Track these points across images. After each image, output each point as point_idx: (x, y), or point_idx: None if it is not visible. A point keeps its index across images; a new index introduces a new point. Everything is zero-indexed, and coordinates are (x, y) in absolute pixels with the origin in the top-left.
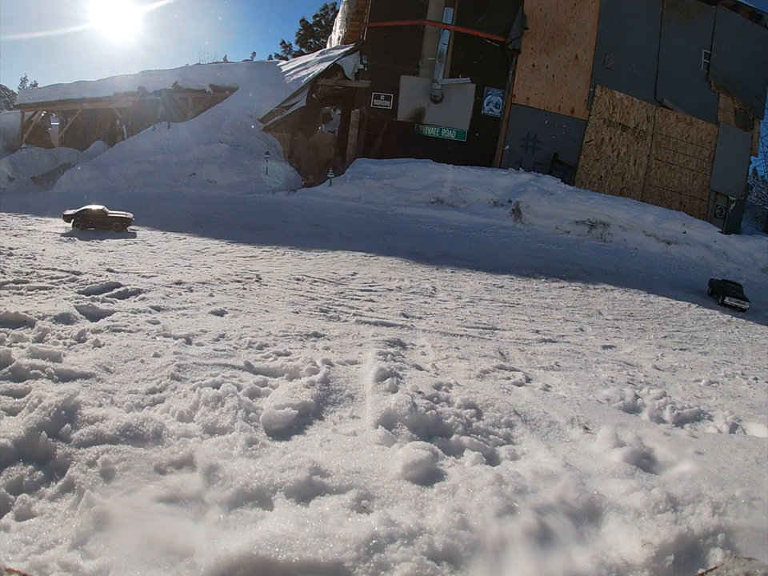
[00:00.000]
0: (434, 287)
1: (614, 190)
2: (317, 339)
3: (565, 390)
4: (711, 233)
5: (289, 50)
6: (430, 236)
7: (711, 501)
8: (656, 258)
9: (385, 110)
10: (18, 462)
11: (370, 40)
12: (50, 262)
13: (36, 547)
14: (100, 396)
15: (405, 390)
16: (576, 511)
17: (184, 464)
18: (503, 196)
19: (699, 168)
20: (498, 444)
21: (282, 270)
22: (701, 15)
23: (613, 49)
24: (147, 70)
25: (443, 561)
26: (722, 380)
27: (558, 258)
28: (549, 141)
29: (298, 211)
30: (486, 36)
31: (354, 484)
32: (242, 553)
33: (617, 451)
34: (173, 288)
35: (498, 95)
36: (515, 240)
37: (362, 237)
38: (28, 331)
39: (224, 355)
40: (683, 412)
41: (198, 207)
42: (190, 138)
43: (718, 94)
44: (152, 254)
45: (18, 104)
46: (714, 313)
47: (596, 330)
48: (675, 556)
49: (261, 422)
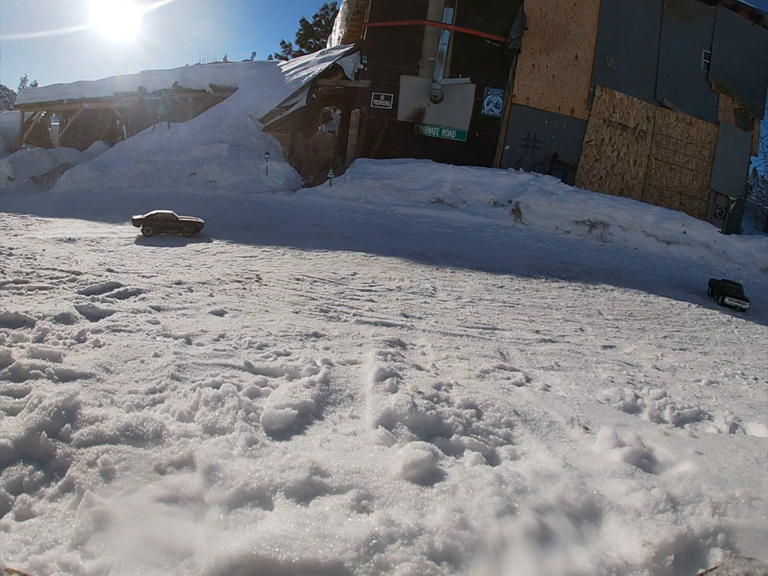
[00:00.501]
0: (434, 287)
1: (614, 190)
2: (317, 339)
3: (565, 390)
4: (711, 233)
5: (289, 50)
6: (430, 236)
7: (711, 501)
8: (656, 257)
9: (385, 109)
10: (18, 462)
11: (370, 40)
12: (50, 262)
13: (36, 547)
14: (100, 396)
15: (405, 390)
16: (576, 511)
17: (184, 464)
18: (503, 196)
19: (699, 168)
20: (498, 444)
21: (282, 270)
22: (701, 15)
23: (613, 49)
24: (147, 70)
25: (443, 561)
26: (721, 380)
27: (558, 258)
28: (549, 141)
29: (298, 211)
30: (486, 36)
31: (354, 484)
32: (242, 553)
33: (617, 451)
34: (173, 288)
35: (498, 95)
36: (515, 240)
37: (362, 237)
38: (28, 331)
39: (224, 355)
40: (683, 412)
41: (198, 207)
42: (189, 138)
43: (718, 94)
44: (152, 253)
45: (17, 104)
46: (713, 313)
47: (596, 330)
48: (675, 556)
49: (261, 422)
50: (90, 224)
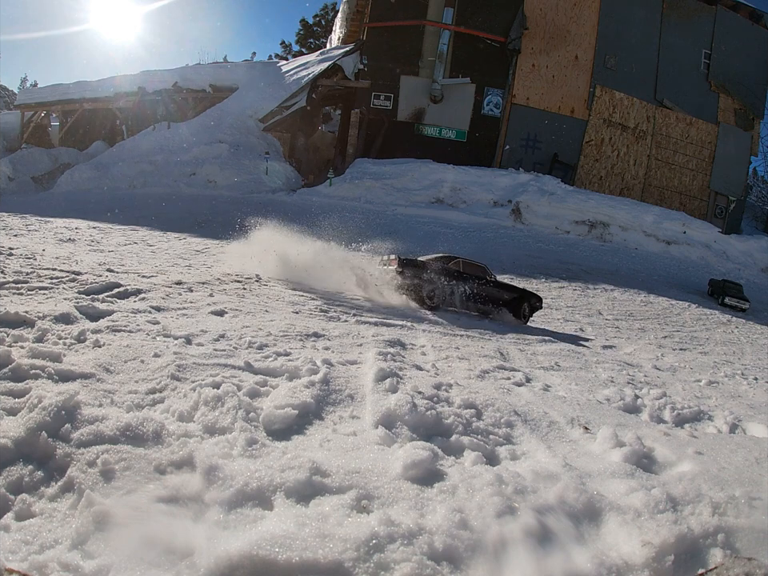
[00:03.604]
0: None
1: (614, 190)
2: (317, 339)
3: (565, 390)
4: (711, 233)
5: (289, 50)
6: (430, 236)
7: (711, 501)
8: (656, 257)
9: (385, 110)
10: (18, 462)
11: (370, 40)
12: (50, 262)
13: (36, 547)
14: (100, 396)
15: (405, 390)
16: (576, 511)
17: (184, 464)
18: (503, 196)
19: (699, 168)
20: (498, 444)
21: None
22: (701, 15)
23: (613, 49)
24: (147, 70)
25: (443, 561)
26: (721, 380)
27: (558, 258)
28: (549, 141)
29: (298, 211)
30: (486, 36)
31: (354, 484)
32: (242, 553)
33: (617, 451)
34: (173, 288)
35: (498, 95)
36: (515, 240)
37: (362, 237)
38: (28, 331)
39: (224, 355)
40: (683, 412)
41: (198, 207)
42: (189, 138)
43: (718, 94)
44: (152, 254)
45: (17, 104)
46: (713, 313)
47: (596, 330)
48: (675, 556)
49: (261, 422)
50: (90, 224)
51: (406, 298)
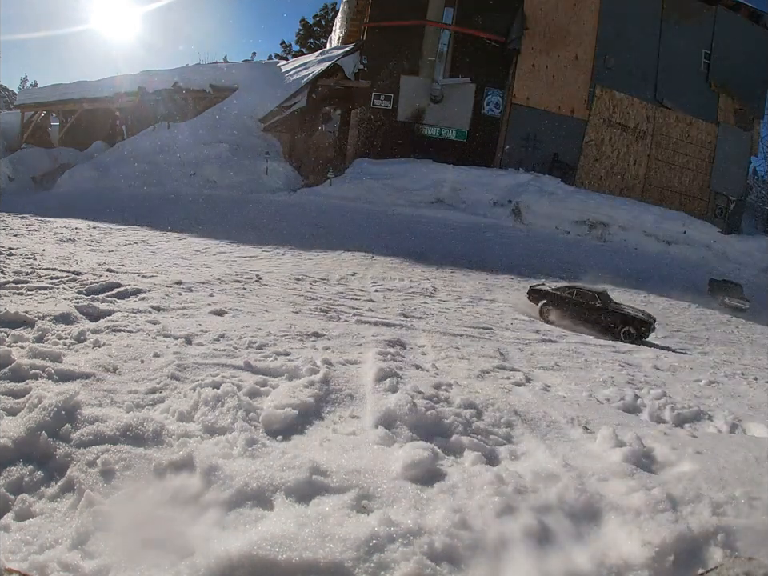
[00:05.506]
0: (434, 287)
1: (614, 190)
2: (317, 339)
3: (565, 390)
4: (711, 233)
5: (289, 50)
6: (430, 236)
7: (711, 501)
8: (656, 257)
9: (385, 109)
10: (18, 462)
11: (370, 40)
12: (50, 262)
13: (36, 547)
14: (100, 396)
15: (405, 390)
16: (576, 511)
17: (184, 464)
18: (503, 196)
19: (699, 168)
20: (498, 444)
21: (282, 270)
22: (701, 15)
23: (613, 49)
24: (147, 70)
25: (443, 561)
26: (721, 380)
27: (558, 258)
28: (549, 141)
29: (298, 211)
30: (486, 36)
31: (354, 484)
32: (242, 553)
33: (617, 451)
34: (173, 288)
35: (498, 95)
36: (515, 240)
37: (362, 237)
38: (28, 331)
39: (224, 355)
40: (683, 412)
41: (198, 207)
42: (189, 138)
43: (718, 94)
44: (152, 254)
45: (17, 104)
46: (713, 313)
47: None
48: (675, 556)
49: (261, 422)
50: (90, 224)
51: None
